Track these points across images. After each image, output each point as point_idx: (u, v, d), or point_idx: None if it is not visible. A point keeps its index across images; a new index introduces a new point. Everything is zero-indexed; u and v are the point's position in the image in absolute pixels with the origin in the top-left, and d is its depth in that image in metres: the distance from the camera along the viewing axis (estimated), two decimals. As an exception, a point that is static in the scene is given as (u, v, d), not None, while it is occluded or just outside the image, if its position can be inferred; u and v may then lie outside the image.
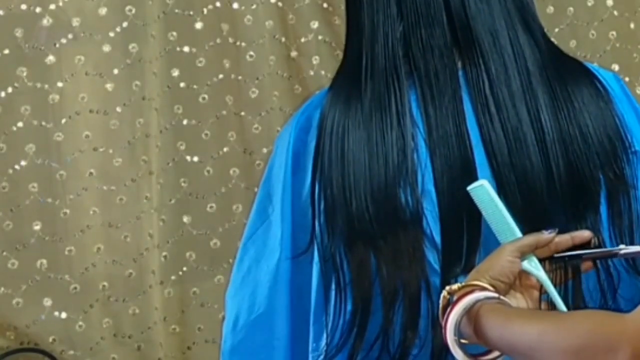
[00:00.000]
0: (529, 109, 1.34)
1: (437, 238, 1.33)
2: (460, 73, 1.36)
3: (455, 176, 1.32)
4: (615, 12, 2.88)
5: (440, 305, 1.22)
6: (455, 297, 1.20)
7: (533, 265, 1.26)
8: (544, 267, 1.27)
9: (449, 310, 1.19)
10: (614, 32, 2.89)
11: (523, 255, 1.26)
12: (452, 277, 1.31)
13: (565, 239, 1.28)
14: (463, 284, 1.21)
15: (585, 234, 1.29)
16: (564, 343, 1.03)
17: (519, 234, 1.27)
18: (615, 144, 1.35)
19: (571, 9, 2.87)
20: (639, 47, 2.90)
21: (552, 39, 1.45)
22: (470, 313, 1.17)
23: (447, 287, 1.22)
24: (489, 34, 1.36)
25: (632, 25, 2.90)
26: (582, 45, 2.86)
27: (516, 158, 1.32)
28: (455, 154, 1.33)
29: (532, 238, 1.27)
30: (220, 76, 2.69)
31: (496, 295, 1.19)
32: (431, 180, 1.33)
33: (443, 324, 1.19)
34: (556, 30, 2.83)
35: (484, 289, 1.20)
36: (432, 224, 1.33)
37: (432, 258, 1.33)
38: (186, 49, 2.67)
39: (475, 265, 1.30)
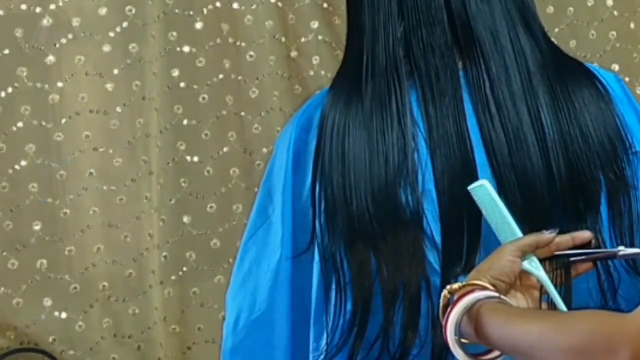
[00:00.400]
0: (529, 108, 1.34)
1: (438, 238, 1.33)
2: (460, 73, 1.36)
3: (456, 176, 1.32)
4: (615, 12, 2.89)
5: (441, 305, 1.22)
6: (455, 297, 1.20)
7: (533, 266, 1.26)
8: (544, 267, 1.27)
9: (449, 310, 1.19)
10: (614, 32, 2.89)
11: (524, 255, 1.26)
12: (453, 277, 1.31)
13: (566, 239, 1.28)
14: (464, 283, 1.22)
15: (585, 235, 1.29)
16: (564, 343, 1.03)
17: (519, 233, 1.27)
18: (616, 144, 1.35)
19: (571, 9, 2.87)
20: (639, 47, 2.90)
21: (552, 39, 1.45)
22: (471, 312, 1.17)
23: (448, 287, 1.22)
24: (489, 33, 1.36)
25: (632, 25, 2.90)
26: (582, 45, 2.86)
27: (516, 158, 1.32)
28: (455, 154, 1.33)
29: (533, 238, 1.27)
30: (220, 76, 2.69)
31: (497, 294, 1.19)
32: (431, 180, 1.33)
33: (443, 323, 1.20)
34: (556, 30, 2.83)
35: (484, 288, 1.20)
36: (432, 223, 1.33)
37: (433, 258, 1.33)
38: (186, 49, 2.67)
39: (476, 264, 1.30)
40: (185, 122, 2.68)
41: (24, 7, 2.56)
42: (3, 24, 2.55)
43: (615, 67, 2.84)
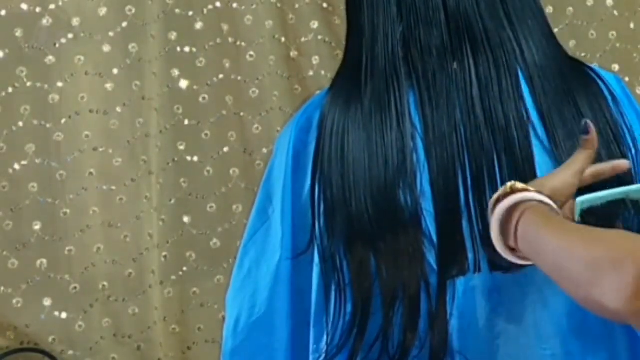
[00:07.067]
0: (518, 108, 1.34)
1: (436, 238, 1.33)
2: (455, 74, 1.36)
3: (450, 177, 1.32)
4: (615, 12, 2.89)
5: (494, 197, 1.23)
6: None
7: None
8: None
9: (501, 199, 1.20)
10: (614, 32, 2.89)
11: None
12: (449, 278, 1.31)
13: (607, 167, 1.29)
14: (526, 185, 1.22)
15: (624, 164, 1.30)
16: (582, 252, 1.04)
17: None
18: (617, 144, 1.35)
19: (571, 9, 2.87)
20: (639, 47, 2.90)
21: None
22: (518, 207, 1.18)
23: (510, 182, 1.23)
24: (482, 33, 1.36)
25: (632, 25, 2.90)
26: (582, 45, 2.86)
27: (506, 158, 1.32)
28: (449, 155, 1.33)
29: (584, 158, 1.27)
30: (220, 76, 2.70)
31: (550, 202, 1.20)
32: (428, 181, 1.33)
33: (490, 210, 1.22)
34: (556, 30, 2.81)
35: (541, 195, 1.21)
36: (430, 224, 1.33)
37: (432, 258, 1.33)
38: (186, 49, 2.67)
39: (472, 264, 1.31)
40: (185, 122, 2.68)
41: (24, 7, 2.56)
42: (3, 24, 2.55)
43: (615, 67, 2.84)
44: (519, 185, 1.22)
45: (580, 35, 2.86)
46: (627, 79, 2.79)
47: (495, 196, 1.23)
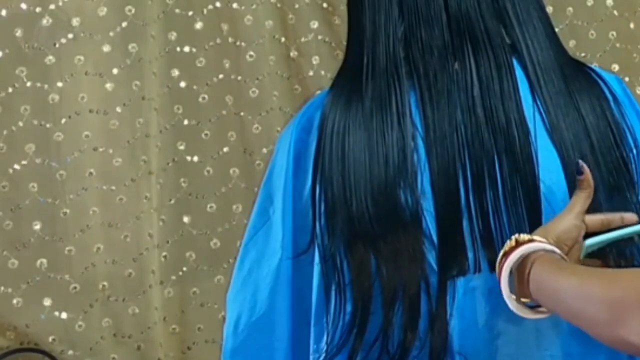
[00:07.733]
0: (518, 109, 1.34)
1: (436, 238, 1.33)
2: (457, 74, 1.36)
3: (451, 176, 1.32)
4: (615, 12, 2.89)
5: (502, 251, 1.24)
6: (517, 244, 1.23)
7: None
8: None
9: (509, 253, 1.21)
10: (614, 32, 2.89)
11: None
12: (449, 278, 1.31)
13: (616, 218, 1.30)
14: (530, 236, 1.23)
15: (633, 217, 1.31)
16: (601, 294, 1.05)
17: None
18: (618, 145, 1.35)
19: (571, 8, 2.87)
20: (639, 47, 2.90)
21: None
22: (527, 260, 1.19)
23: (515, 235, 1.24)
24: (483, 33, 1.36)
25: (632, 25, 2.90)
26: (581, 45, 2.86)
27: (505, 158, 1.32)
28: (450, 155, 1.33)
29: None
30: (220, 76, 2.70)
31: (557, 250, 1.21)
32: (429, 181, 1.33)
33: (497, 268, 1.22)
34: (556, 30, 2.83)
35: (548, 244, 1.22)
36: (431, 224, 1.33)
37: (432, 258, 1.33)
38: (186, 49, 2.67)
39: (472, 265, 1.31)
40: (185, 122, 2.68)
41: (24, 7, 2.56)
42: (3, 24, 2.55)
43: (615, 67, 2.85)
44: (524, 236, 1.24)
45: (580, 35, 2.86)
46: (627, 79, 2.80)
47: (502, 252, 1.24)
